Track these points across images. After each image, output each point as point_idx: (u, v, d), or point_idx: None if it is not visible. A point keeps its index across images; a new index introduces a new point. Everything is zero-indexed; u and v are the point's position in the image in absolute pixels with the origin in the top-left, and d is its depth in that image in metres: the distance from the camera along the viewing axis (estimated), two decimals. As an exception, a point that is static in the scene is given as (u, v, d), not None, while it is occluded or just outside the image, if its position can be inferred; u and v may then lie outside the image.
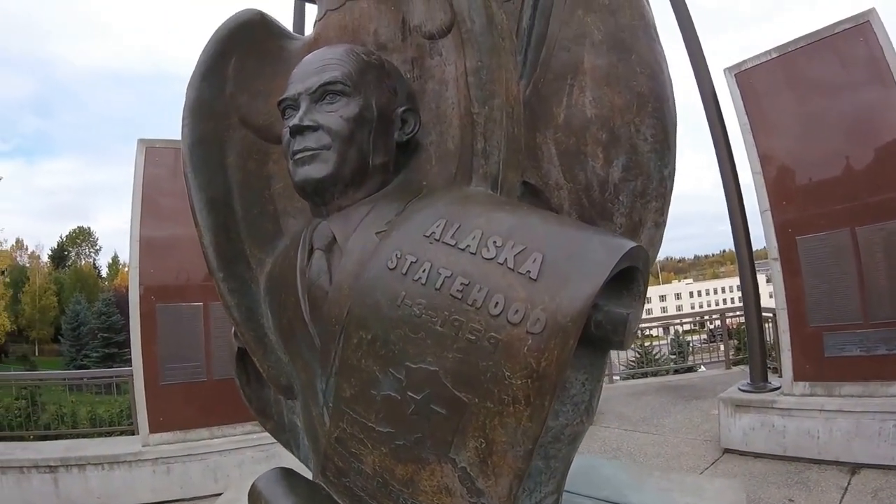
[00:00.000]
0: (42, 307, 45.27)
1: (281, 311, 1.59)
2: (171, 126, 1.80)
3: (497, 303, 1.07)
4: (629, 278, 1.16)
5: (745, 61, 5.15)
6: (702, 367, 10.66)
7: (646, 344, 12.07)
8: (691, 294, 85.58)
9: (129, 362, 5.50)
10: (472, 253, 1.15)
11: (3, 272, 32.69)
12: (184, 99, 1.79)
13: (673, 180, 1.47)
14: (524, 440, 1.04)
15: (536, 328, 1.02)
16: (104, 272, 60.61)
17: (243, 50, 1.85)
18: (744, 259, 5.54)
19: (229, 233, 1.73)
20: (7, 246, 42.97)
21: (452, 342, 1.11)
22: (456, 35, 1.53)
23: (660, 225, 1.45)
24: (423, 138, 1.62)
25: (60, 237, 62.86)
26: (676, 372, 10.17)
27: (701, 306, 72.02)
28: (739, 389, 5.22)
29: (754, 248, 5.65)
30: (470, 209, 1.27)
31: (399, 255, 1.23)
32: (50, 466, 5.00)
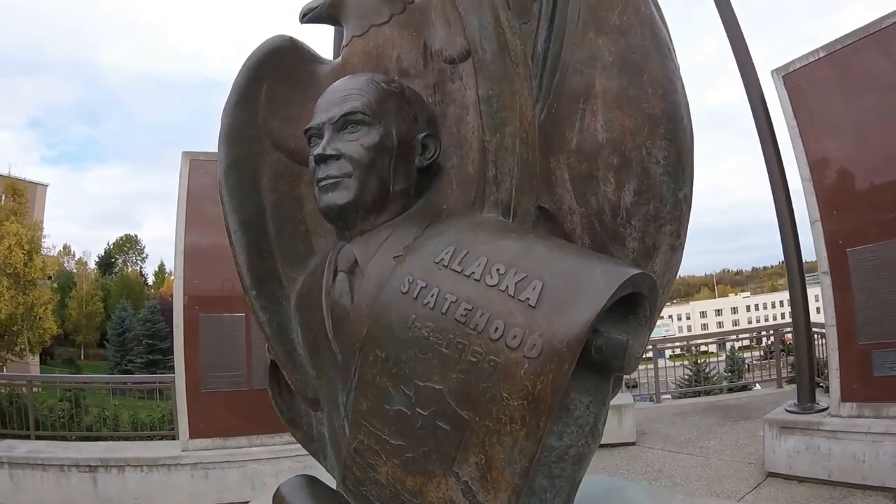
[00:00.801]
0: (88, 313, 47.33)
1: (308, 328, 1.73)
2: (216, 134, 1.95)
3: (497, 328, 1.17)
4: (636, 304, 1.25)
5: (792, 62, 5.06)
6: (756, 385, 10.42)
7: (699, 361, 11.85)
8: (748, 308, 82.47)
9: (172, 369, 5.79)
10: (476, 280, 1.26)
11: (50, 277, 34.25)
12: (219, 125, 1.94)
13: (689, 203, 1.49)
14: (521, 458, 1.14)
15: (533, 353, 1.12)
16: (150, 280, 62.85)
17: (274, 76, 1.98)
18: (794, 272, 5.47)
19: (262, 252, 1.87)
20: (55, 252, 45.01)
21: (456, 363, 1.22)
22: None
23: (676, 248, 1.48)
24: (444, 162, 1.71)
25: (108, 244, 65.63)
26: (731, 391, 9.97)
27: (758, 321, 68.75)
28: (786, 410, 5.15)
29: (806, 260, 5.54)
30: (478, 236, 1.38)
31: (411, 280, 1.35)
32: (90, 466, 5.32)
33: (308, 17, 2.06)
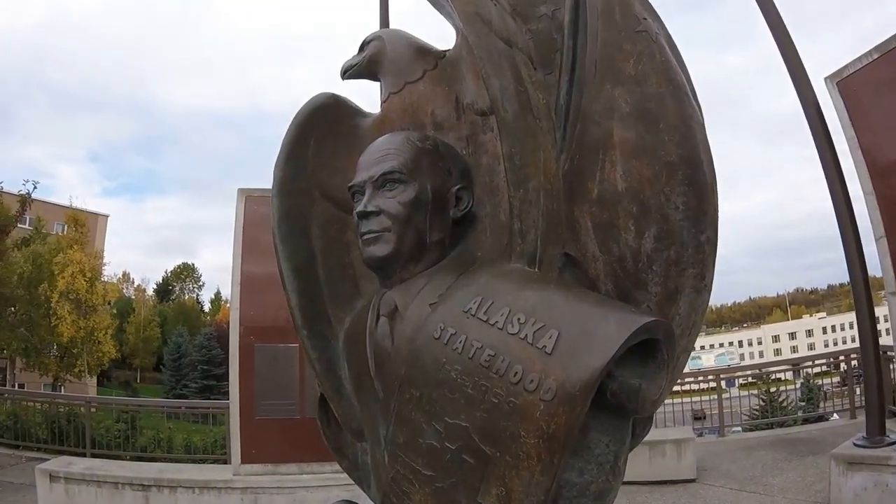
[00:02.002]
0: (146, 337, 49.61)
1: (353, 366, 1.94)
2: (269, 164, 2.18)
3: (516, 372, 1.35)
4: (654, 348, 1.40)
5: (845, 66, 4.93)
6: (834, 415, 10.06)
7: (772, 390, 11.56)
8: (824, 330, 77.53)
9: (226, 395, 6.14)
10: (499, 328, 1.43)
11: (110, 303, 36.14)
12: (272, 179, 2.16)
13: (713, 245, 1.57)
14: (537, 491, 1.31)
15: (548, 396, 1.29)
16: (206, 307, 65.34)
17: (320, 131, 2.21)
18: (859, 292, 5.30)
19: (313, 295, 2.09)
20: (115, 279, 47.42)
21: (480, 403, 1.40)
22: None
23: (700, 290, 1.56)
24: (478, 210, 1.86)
25: (165, 272, 68.67)
26: (805, 421, 9.68)
27: (835, 343, 64.76)
28: (854, 444, 4.99)
29: (872, 275, 5.31)
30: (503, 287, 1.56)
31: (442, 327, 1.54)
32: (143, 485, 5.66)
33: (348, 73, 2.30)
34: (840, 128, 4.97)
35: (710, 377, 10.88)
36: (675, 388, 11.18)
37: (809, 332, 78.66)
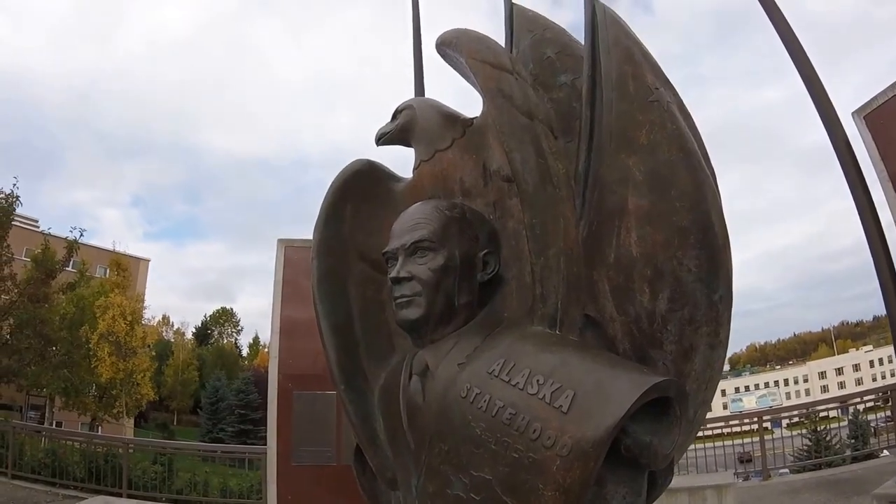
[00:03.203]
0: (184, 380, 50.58)
1: (388, 419, 2.10)
2: (308, 211, 2.39)
3: (535, 430, 1.50)
4: (668, 405, 1.54)
5: (873, 99, 4.95)
6: (885, 451, 9.75)
7: (819, 428, 11.26)
8: (872, 363, 73.82)
9: (262, 440, 6.33)
10: (520, 389, 1.59)
11: (149, 346, 37.10)
12: (312, 240, 2.37)
13: (727, 302, 1.70)
14: None
15: (564, 452, 1.44)
16: (244, 351, 66.49)
17: (357, 196, 2.40)
18: (896, 324, 5.21)
19: (350, 352, 2.25)
20: (154, 322, 48.64)
21: (502, 458, 1.55)
22: None
23: (715, 346, 1.71)
24: (505, 272, 2.00)
25: (204, 316, 70.17)
26: (854, 460, 9.39)
27: (883, 377, 61.70)
28: (896, 482, 4.90)
29: None
30: (524, 349, 1.72)
31: (469, 387, 1.70)
32: (180, 527, 5.80)
33: (382, 140, 2.49)
34: (870, 160, 4.96)
35: (753, 419, 10.74)
36: (717, 431, 11.06)
37: (856, 367, 75.24)
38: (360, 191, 2.43)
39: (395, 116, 2.47)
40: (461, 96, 2.45)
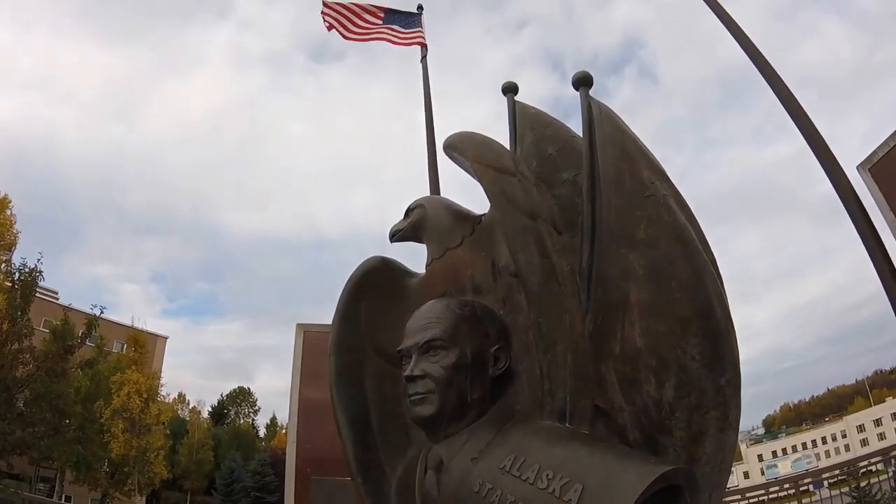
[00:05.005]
0: (198, 460, 49.80)
1: None
2: (325, 291, 2.52)
3: (546, 524, 1.59)
4: (678, 492, 1.61)
5: (874, 152, 5.01)
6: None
7: (862, 484, 10.88)
8: None
9: (278, 523, 6.28)
10: (530, 483, 1.68)
11: (164, 423, 36.94)
12: (329, 337, 2.50)
13: (734, 385, 1.75)
14: None
15: None
16: (262, 432, 65.69)
17: (372, 293, 2.55)
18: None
19: (367, 445, 2.35)
20: (170, 399, 48.49)
21: None
22: None
23: (725, 429, 1.75)
24: (516, 366, 2.09)
25: (221, 395, 69.57)
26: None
27: None
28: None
29: None
30: (535, 444, 1.82)
31: (481, 482, 1.79)
32: None
33: (395, 237, 2.65)
34: (878, 209, 5.02)
35: (788, 485, 10.43)
36: (753, 500, 10.71)
37: (895, 416, 71.95)
38: (374, 288, 2.57)
39: (407, 214, 2.63)
40: (473, 182, 2.58)
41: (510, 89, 2.52)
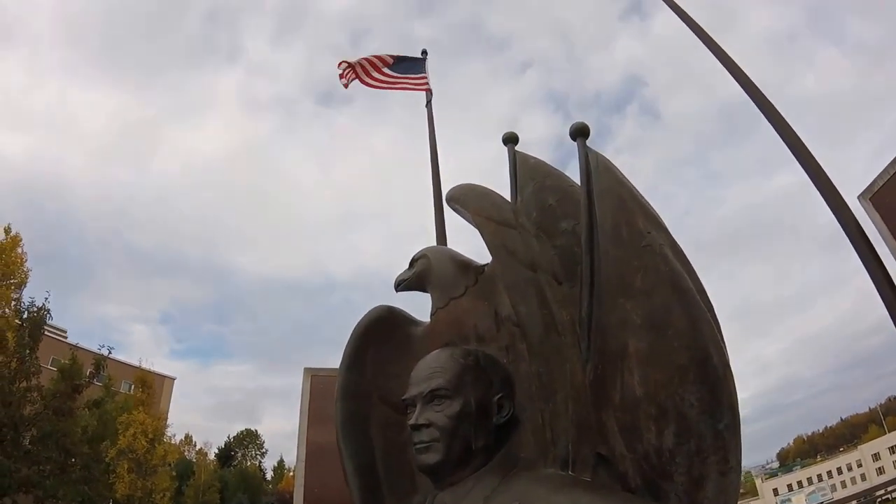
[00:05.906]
0: (205, 502, 49.22)
1: None
2: (333, 334, 2.58)
3: (548, 570, 1.62)
4: None
5: (874, 182, 5.04)
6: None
7: None
8: None
9: (285, 568, 6.25)
10: None
11: (170, 465, 36.68)
12: (336, 384, 2.55)
13: (733, 429, 1.78)
14: None
15: None
16: (269, 475, 65.13)
17: (378, 341, 2.61)
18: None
19: (374, 492, 2.39)
20: (176, 440, 48.23)
21: None
22: None
23: (726, 472, 1.76)
24: (520, 413, 2.12)
25: (228, 437, 69.26)
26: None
27: None
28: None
29: None
30: (538, 492, 1.85)
31: None
32: None
33: (400, 287, 2.71)
34: (881, 238, 5.05)
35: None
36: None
37: (916, 441, 70.23)
38: (380, 337, 2.63)
39: (412, 264, 2.70)
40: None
41: (510, 139, 2.58)
